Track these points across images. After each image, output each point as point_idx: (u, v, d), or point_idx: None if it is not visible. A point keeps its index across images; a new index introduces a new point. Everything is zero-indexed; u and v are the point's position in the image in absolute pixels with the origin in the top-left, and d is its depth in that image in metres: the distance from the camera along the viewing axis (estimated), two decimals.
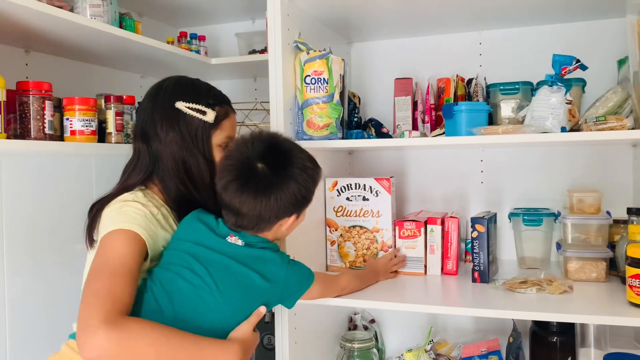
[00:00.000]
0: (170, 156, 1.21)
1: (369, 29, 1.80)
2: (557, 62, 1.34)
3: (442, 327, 1.86)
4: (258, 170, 1.13)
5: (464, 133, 1.35)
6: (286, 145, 1.19)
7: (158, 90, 1.25)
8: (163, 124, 1.21)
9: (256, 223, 1.15)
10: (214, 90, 1.28)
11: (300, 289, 1.22)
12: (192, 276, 1.10)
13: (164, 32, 2.09)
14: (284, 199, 1.13)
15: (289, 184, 1.14)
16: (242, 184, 1.12)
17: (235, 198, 1.13)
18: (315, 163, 1.21)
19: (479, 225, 1.47)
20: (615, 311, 1.18)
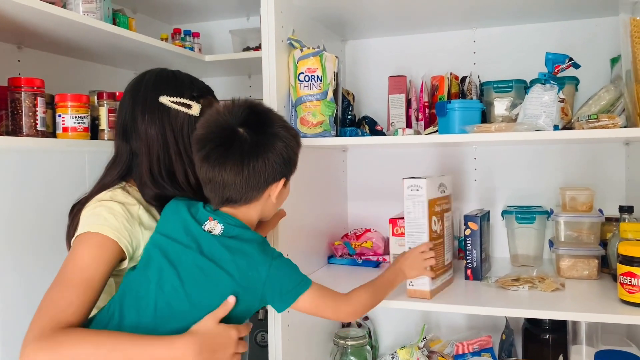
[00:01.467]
0: (148, 153, 1.17)
1: (363, 26, 1.80)
2: (550, 60, 1.34)
3: (435, 325, 1.87)
4: (241, 134, 1.06)
5: (457, 131, 1.35)
6: (264, 108, 1.14)
7: (139, 84, 1.21)
8: (146, 120, 1.17)
9: (245, 191, 1.08)
10: (196, 82, 1.25)
11: (290, 291, 1.09)
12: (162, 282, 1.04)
13: (157, 29, 2.09)
14: (271, 159, 1.07)
15: (275, 142, 1.08)
16: (226, 149, 1.06)
17: (218, 166, 1.06)
18: (292, 127, 1.18)
19: (472, 223, 1.47)
20: (607, 309, 1.19)
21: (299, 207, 1.52)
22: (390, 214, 1.73)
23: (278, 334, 1.41)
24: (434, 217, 1.34)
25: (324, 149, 1.73)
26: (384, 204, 1.90)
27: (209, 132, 1.09)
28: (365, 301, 1.21)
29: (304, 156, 1.55)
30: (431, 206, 1.32)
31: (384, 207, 1.89)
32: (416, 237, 1.31)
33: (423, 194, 1.30)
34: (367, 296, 1.21)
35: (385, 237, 1.79)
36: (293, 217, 1.45)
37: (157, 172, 1.17)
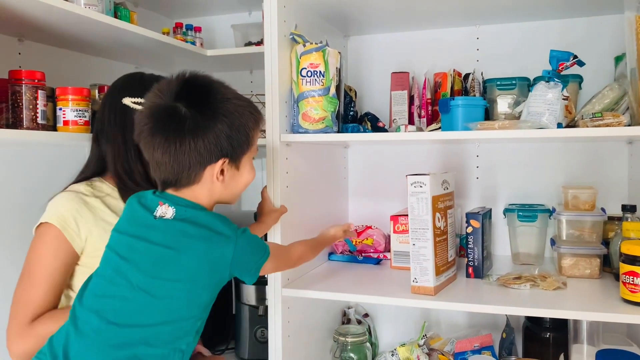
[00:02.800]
0: (114, 154, 1.22)
1: (366, 22, 1.79)
2: (554, 57, 1.33)
3: (435, 322, 1.86)
4: (172, 109, 0.99)
5: (460, 128, 1.35)
6: (206, 80, 1.05)
7: (110, 88, 1.29)
8: (111, 122, 1.23)
9: (178, 173, 1.01)
10: None
11: (255, 264, 1.07)
12: (120, 287, 1.00)
13: (159, 23, 2.07)
14: (201, 138, 0.99)
15: (207, 120, 0.99)
16: (154, 126, 1.00)
17: (149, 145, 1.01)
18: (247, 101, 1.09)
19: (474, 221, 1.47)
20: (608, 308, 1.19)
21: (300, 204, 1.51)
22: (391, 211, 1.73)
23: (278, 330, 1.40)
24: (438, 214, 1.33)
25: (325, 145, 1.72)
26: (385, 201, 1.90)
27: (143, 110, 1.04)
28: (307, 256, 1.31)
29: (305, 152, 1.56)
30: (435, 203, 1.31)
31: (385, 204, 1.89)
32: (420, 233, 1.31)
33: (427, 191, 1.29)
34: (304, 248, 1.30)
35: (386, 234, 1.78)
36: (293, 213, 1.45)
37: (125, 170, 1.22)
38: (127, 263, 1.01)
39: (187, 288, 1.00)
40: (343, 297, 1.37)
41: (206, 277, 1.02)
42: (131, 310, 0.99)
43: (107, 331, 0.98)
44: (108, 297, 1.01)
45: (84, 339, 0.99)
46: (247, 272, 1.06)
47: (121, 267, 1.01)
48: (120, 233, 1.06)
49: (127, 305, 0.99)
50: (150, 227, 1.02)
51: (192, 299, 1.02)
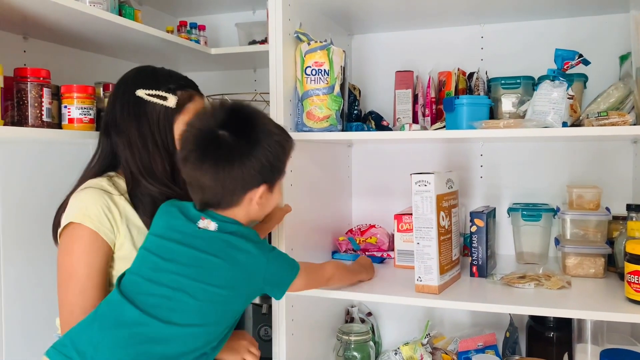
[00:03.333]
0: (127, 147, 1.20)
1: (370, 20, 1.79)
2: (559, 56, 1.33)
3: (438, 321, 1.86)
4: (219, 138, 1.06)
5: (465, 127, 1.34)
6: (249, 111, 1.12)
7: (120, 81, 1.26)
8: (124, 114, 1.20)
9: (222, 197, 1.09)
10: (175, 75, 1.27)
11: (285, 280, 1.14)
12: (160, 286, 1.05)
13: (163, 21, 2.07)
14: (248, 165, 1.06)
15: (253, 149, 1.07)
16: (202, 152, 1.06)
17: (196, 169, 1.07)
18: (283, 130, 1.15)
19: (478, 220, 1.46)
20: (613, 307, 1.18)
21: (303, 202, 1.51)
22: (395, 210, 1.73)
23: (282, 328, 1.40)
24: (442, 213, 1.33)
25: (329, 143, 1.72)
26: (389, 200, 1.90)
27: (190, 134, 1.09)
28: (339, 280, 1.34)
29: (309, 151, 1.56)
30: (439, 201, 1.31)
31: (388, 203, 1.89)
32: (424, 232, 1.31)
33: (431, 189, 1.29)
34: (343, 276, 1.36)
35: (390, 233, 1.78)
36: (297, 212, 1.45)
37: (138, 166, 1.19)
38: (170, 264, 1.06)
39: (226, 294, 1.06)
40: (347, 296, 1.37)
41: (244, 287, 1.09)
42: (170, 307, 1.04)
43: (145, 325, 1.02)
44: (148, 294, 1.05)
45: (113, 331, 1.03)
46: (277, 287, 1.14)
47: (162, 268, 1.06)
48: (160, 237, 1.11)
49: (166, 303, 1.04)
50: (193, 236, 1.08)
51: (228, 306, 1.09)
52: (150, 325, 1.02)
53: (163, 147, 1.21)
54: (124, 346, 1.02)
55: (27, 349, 1.42)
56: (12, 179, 1.39)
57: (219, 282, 1.05)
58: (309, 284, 1.24)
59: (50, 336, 1.20)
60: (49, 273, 1.48)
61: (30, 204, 1.45)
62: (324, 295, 1.37)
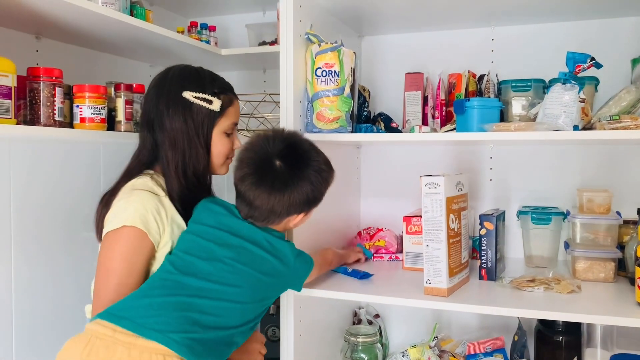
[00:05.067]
0: (171, 145, 1.22)
1: (381, 22, 1.79)
2: (571, 59, 1.32)
3: (446, 324, 1.86)
4: (276, 167, 1.18)
5: (476, 129, 1.34)
6: (305, 147, 1.24)
7: (164, 79, 1.27)
8: (169, 113, 1.22)
9: (267, 216, 1.21)
10: (218, 79, 1.30)
11: (305, 274, 1.29)
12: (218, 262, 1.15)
13: (174, 22, 2.09)
14: (296, 197, 1.19)
15: (303, 184, 1.19)
16: (259, 178, 1.18)
17: (250, 191, 1.18)
18: (330, 166, 1.27)
19: (488, 223, 1.46)
20: (624, 312, 1.17)
21: None
22: (404, 212, 1.72)
23: (290, 329, 1.40)
24: (452, 215, 1.33)
25: (338, 145, 1.72)
26: (398, 202, 1.89)
27: (250, 157, 1.21)
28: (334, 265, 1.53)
29: None
30: (449, 204, 1.31)
31: (397, 205, 1.88)
32: (434, 234, 1.30)
33: (441, 192, 1.29)
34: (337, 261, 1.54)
35: (398, 234, 1.78)
36: None
37: (180, 164, 1.23)
38: (225, 250, 1.16)
39: (267, 282, 1.19)
40: (356, 297, 1.37)
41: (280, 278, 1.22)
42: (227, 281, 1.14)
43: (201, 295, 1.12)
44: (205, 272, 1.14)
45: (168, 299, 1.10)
46: (300, 280, 1.29)
47: (217, 252, 1.16)
48: (212, 227, 1.20)
49: (226, 275, 1.15)
50: (242, 229, 1.20)
51: (267, 293, 1.21)
52: (207, 294, 1.12)
53: (204, 148, 1.25)
54: (178, 312, 1.08)
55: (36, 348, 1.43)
56: (24, 178, 1.40)
57: (264, 270, 1.17)
58: (318, 273, 1.41)
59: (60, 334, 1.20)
60: (62, 271, 1.49)
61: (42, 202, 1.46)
62: (332, 296, 1.37)
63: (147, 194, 1.17)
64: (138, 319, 1.06)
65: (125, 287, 1.14)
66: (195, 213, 1.25)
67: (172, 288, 1.12)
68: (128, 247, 1.14)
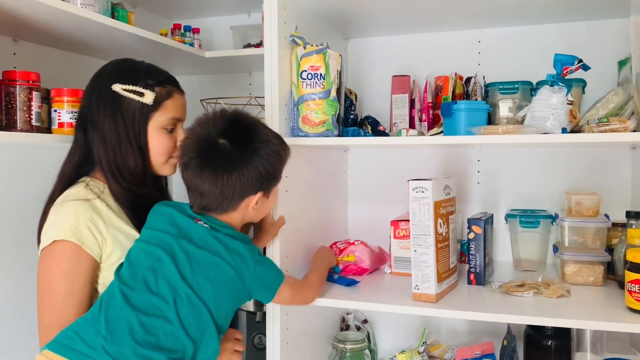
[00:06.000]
0: (101, 143, 1.17)
1: (367, 24, 1.77)
2: (558, 61, 1.31)
3: (435, 329, 1.84)
4: (219, 146, 1.11)
5: (463, 132, 1.32)
6: (249, 121, 1.17)
7: (98, 74, 1.22)
8: (100, 109, 1.17)
9: (220, 202, 1.13)
10: (155, 70, 1.24)
11: (272, 283, 1.17)
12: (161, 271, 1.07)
13: (157, 24, 2.05)
14: (246, 174, 1.11)
15: (251, 158, 1.12)
16: (203, 160, 1.11)
17: (196, 176, 1.11)
18: (281, 140, 1.20)
19: (476, 227, 1.44)
20: (614, 317, 1.16)
21: (298, 208, 1.49)
22: (392, 216, 1.70)
23: (276, 337, 1.37)
24: (440, 220, 1.31)
25: (325, 149, 1.70)
26: (385, 206, 1.87)
27: (191, 141, 1.13)
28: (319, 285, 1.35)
29: (305, 156, 1.53)
30: (437, 208, 1.29)
31: (385, 209, 1.86)
32: (422, 239, 1.29)
33: (429, 196, 1.27)
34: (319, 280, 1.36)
35: (374, 248, 1.63)
36: (292, 218, 1.42)
37: (112, 164, 1.17)
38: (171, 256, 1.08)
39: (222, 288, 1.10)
40: (343, 305, 1.34)
41: (232, 285, 1.11)
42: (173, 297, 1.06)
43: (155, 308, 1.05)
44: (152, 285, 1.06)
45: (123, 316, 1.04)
46: (265, 289, 1.17)
47: (164, 261, 1.08)
48: (160, 231, 1.12)
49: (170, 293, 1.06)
50: (191, 231, 1.12)
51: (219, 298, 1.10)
52: (156, 311, 1.04)
53: (137, 145, 1.18)
54: (131, 336, 1.01)
55: None
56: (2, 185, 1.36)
57: (216, 275, 1.08)
58: (296, 294, 1.26)
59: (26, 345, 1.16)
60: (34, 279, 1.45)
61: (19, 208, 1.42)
62: (320, 303, 1.34)
63: (79, 204, 1.10)
64: (87, 349, 0.99)
65: (69, 307, 1.07)
66: (147, 218, 1.18)
67: (122, 307, 1.04)
68: (64, 264, 1.07)
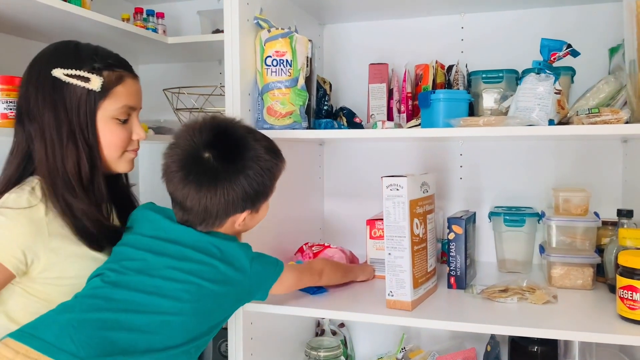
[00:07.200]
0: (40, 137, 1.02)
1: (343, 9, 1.65)
2: (545, 47, 1.20)
3: (415, 333, 1.74)
4: (204, 160, 1.02)
5: (442, 124, 1.22)
6: (239, 133, 1.07)
7: (36, 58, 1.07)
8: (38, 99, 1.02)
9: (203, 219, 1.06)
10: (103, 53, 1.10)
11: (269, 278, 1.11)
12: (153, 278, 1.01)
13: (119, 8, 1.91)
14: (231, 193, 1.03)
15: (237, 176, 1.03)
16: (186, 175, 1.02)
17: (178, 190, 1.04)
18: (275, 154, 1.11)
19: (456, 227, 1.34)
20: (604, 326, 1.06)
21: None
22: (370, 212, 1.60)
23: (239, 348, 1.27)
24: (416, 220, 1.20)
25: (297, 142, 1.58)
26: (363, 203, 1.77)
27: (174, 152, 1.04)
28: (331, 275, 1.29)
29: None
30: (412, 207, 1.18)
31: (363, 206, 1.76)
32: (396, 241, 1.18)
33: (404, 194, 1.16)
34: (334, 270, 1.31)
35: (349, 253, 1.52)
36: None
37: (53, 160, 1.02)
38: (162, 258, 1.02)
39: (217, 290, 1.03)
40: (311, 313, 1.22)
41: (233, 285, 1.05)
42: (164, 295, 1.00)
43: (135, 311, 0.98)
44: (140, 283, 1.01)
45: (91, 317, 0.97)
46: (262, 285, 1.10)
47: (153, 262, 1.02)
48: (146, 236, 1.07)
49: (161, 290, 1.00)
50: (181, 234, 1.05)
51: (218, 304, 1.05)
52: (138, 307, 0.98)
53: (82, 139, 1.04)
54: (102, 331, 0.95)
55: None
56: None
57: (212, 278, 1.02)
58: (300, 279, 1.20)
59: None
60: None
61: None
62: (286, 312, 1.23)
63: (15, 214, 0.97)
64: (52, 338, 0.92)
65: None
66: (129, 222, 1.12)
67: (98, 303, 0.98)
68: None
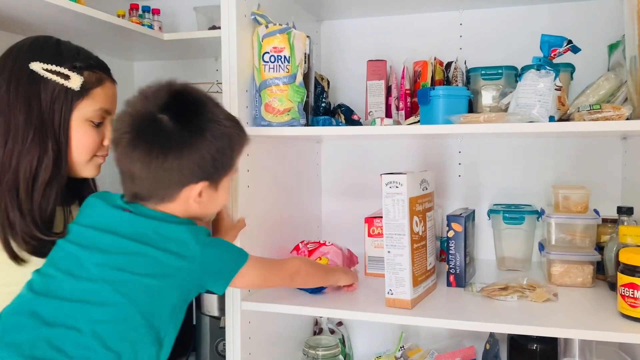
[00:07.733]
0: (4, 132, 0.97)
1: (341, 5, 1.63)
2: (546, 43, 1.19)
3: (414, 332, 1.72)
4: (157, 122, 0.93)
5: (441, 121, 1.20)
6: (197, 96, 0.99)
7: (11, 49, 1.02)
8: (10, 90, 0.97)
9: (153, 190, 0.95)
10: (85, 53, 1.07)
11: (226, 268, 0.99)
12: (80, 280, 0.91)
13: (114, 4, 1.89)
14: (186, 157, 0.93)
15: (193, 139, 0.93)
16: (135, 137, 0.93)
17: (126, 155, 0.94)
18: (235, 122, 1.02)
19: (456, 224, 1.33)
20: (605, 324, 1.05)
21: (263, 206, 1.36)
22: (368, 211, 1.58)
23: (237, 348, 1.25)
24: (416, 217, 1.19)
25: (295, 139, 1.57)
26: (362, 201, 1.75)
27: (125, 114, 0.95)
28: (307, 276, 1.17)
29: (270, 147, 1.40)
30: (412, 205, 1.17)
31: (361, 204, 1.74)
32: (396, 239, 1.17)
33: (403, 192, 1.15)
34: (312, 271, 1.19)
35: (345, 250, 1.48)
36: (255, 217, 1.30)
37: (7, 156, 0.96)
38: (92, 253, 0.92)
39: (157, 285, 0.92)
40: (310, 312, 1.21)
41: (177, 276, 0.94)
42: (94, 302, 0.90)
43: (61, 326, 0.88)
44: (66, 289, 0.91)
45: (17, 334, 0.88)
46: (217, 277, 0.99)
47: (82, 257, 0.93)
48: (80, 225, 0.97)
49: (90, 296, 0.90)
50: (118, 222, 0.95)
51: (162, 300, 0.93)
52: (70, 323, 0.87)
53: (52, 138, 0.99)
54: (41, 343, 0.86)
55: None
56: None
57: (146, 270, 0.91)
58: (266, 277, 1.08)
59: None
60: None
61: None
62: (285, 311, 1.22)
63: None
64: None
65: None
66: (78, 213, 1.03)
67: (22, 322, 0.88)
68: None
